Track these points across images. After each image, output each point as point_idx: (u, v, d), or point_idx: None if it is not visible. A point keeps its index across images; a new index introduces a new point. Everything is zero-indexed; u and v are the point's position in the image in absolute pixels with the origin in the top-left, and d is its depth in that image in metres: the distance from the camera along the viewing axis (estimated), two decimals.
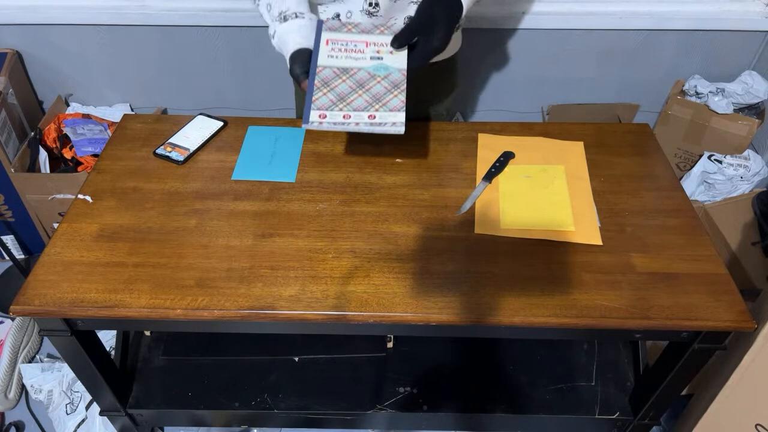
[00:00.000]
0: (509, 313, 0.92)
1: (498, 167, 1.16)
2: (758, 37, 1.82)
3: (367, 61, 1.01)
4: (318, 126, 0.95)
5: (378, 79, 0.99)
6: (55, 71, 1.88)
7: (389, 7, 1.06)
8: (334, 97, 0.97)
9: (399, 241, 1.03)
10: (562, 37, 1.82)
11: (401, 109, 0.96)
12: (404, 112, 0.96)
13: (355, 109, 0.96)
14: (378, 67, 1.00)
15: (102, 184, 1.13)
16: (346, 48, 1.02)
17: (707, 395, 1.20)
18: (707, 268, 0.99)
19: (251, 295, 0.94)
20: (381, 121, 0.95)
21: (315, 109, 0.96)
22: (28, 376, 1.50)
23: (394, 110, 0.96)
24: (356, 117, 0.95)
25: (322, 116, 0.95)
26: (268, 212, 1.08)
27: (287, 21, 1.03)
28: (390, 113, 0.96)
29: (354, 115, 0.95)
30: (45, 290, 0.95)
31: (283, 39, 1.04)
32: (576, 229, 1.05)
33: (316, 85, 0.98)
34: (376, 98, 0.97)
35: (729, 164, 1.81)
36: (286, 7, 1.03)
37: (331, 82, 0.99)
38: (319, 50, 1.01)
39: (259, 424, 1.38)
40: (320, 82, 0.98)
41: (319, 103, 0.96)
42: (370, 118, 0.95)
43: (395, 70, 1.00)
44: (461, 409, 1.27)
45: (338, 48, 1.02)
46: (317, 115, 0.95)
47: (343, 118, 0.95)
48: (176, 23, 1.76)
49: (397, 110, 0.96)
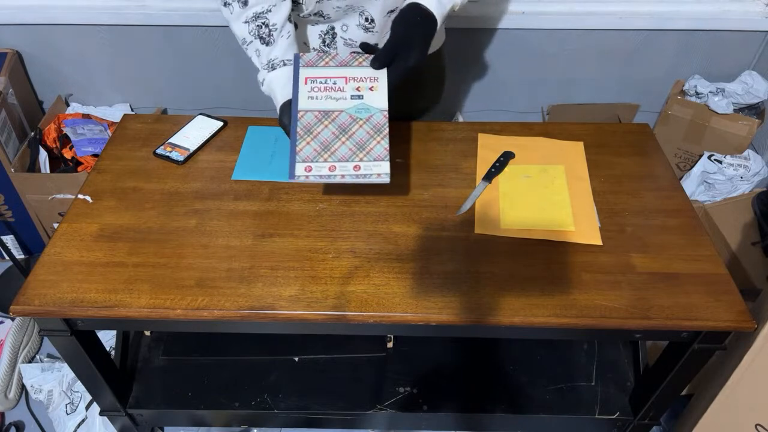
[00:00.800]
0: (509, 313, 0.92)
1: (498, 167, 1.16)
2: (758, 37, 1.82)
3: (347, 101, 0.99)
4: (304, 180, 0.95)
5: (360, 123, 0.98)
6: (55, 71, 1.88)
7: (384, 23, 1.07)
8: (318, 147, 0.96)
9: (399, 241, 1.03)
10: (562, 37, 1.82)
11: (385, 158, 0.96)
12: (388, 161, 0.96)
13: (340, 159, 0.96)
14: (359, 108, 0.99)
15: (102, 184, 1.13)
16: (325, 86, 1.00)
17: (707, 395, 1.20)
18: (707, 268, 0.99)
19: (251, 295, 0.94)
20: (366, 173, 0.95)
21: (300, 162, 0.95)
22: (28, 376, 1.50)
23: (378, 159, 0.96)
24: (341, 168, 0.95)
25: (307, 168, 0.95)
26: (268, 212, 1.08)
27: (276, 69, 1.03)
28: (374, 163, 0.96)
29: (339, 167, 0.95)
30: (45, 290, 0.95)
31: (271, 87, 1.04)
32: (576, 229, 1.05)
33: (298, 133, 0.97)
34: (360, 146, 0.97)
35: (729, 164, 1.81)
36: (274, 56, 1.03)
37: (314, 129, 0.97)
38: (298, 91, 1.00)
39: (259, 424, 1.38)
40: (302, 129, 0.97)
41: (303, 154, 0.96)
42: (355, 169, 0.95)
43: (377, 111, 0.99)
44: (461, 409, 1.27)
45: (317, 87, 1.00)
46: (303, 168, 0.95)
47: (328, 170, 0.95)
48: (176, 23, 1.76)
49: (381, 159, 0.96)
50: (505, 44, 1.85)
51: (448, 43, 1.30)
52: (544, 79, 1.93)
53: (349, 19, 1.07)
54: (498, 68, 1.91)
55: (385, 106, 0.99)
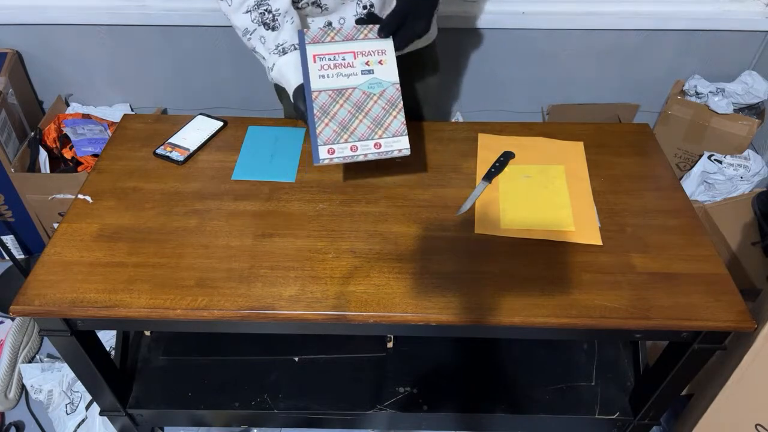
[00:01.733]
0: (509, 313, 0.92)
1: (498, 167, 1.16)
2: (758, 37, 1.82)
3: (359, 77, 1.01)
4: (328, 162, 0.99)
5: (374, 98, 1.01)
6: (55, 71, 1.88)
7: (383, 7, 1.07)
8: (337, 127, 0.99)
9: (399, 241, 1.03)
10: (562, 37, 1.82)
11: (403, 133, 1.01)
12: (407, 135, 1.01)
13: (360, 138, 1.00)
14: (372, 83, 1.02)
15: (102, 184, 1.13)
16: (335, 63, 1.01)
17: (707, 395, 1.20)
18: (707, 268, 0.99)
19: (251, 295, 0.94)
20: (387, 149, 1.01)
21: (322, 145, 0.98)
22: (28, 376, 1.50)
23: (397, 135, 1.01)
24: (363, 148, 1.00)
25: (330, 151, 0.99)
26: (268, 212, 1.08)
27: (287, 54, 1.02)
28: (394, 139, 1.01)
29: (360, 146, 1.00)
30: (45, 290, 0.95)
31: (283, 72, 1.03)
32: (576, 229, 1.05)
33: (316, 115, 0.99)
34: (377, 123, 1.01)
35: (729, 164, 1.81)
36: (282, 40, 1.02)
37: (330, 109, 1.00)
38: (309, 70, 1.01)
39: (259, 424, 1.38)
40: (319, 110, 0.99)
41: (324, 136, 0.99)
42: (375, 147, 1.00)
43: (389, 85, 1.02)
44: (461, 409, 1.27)
45: (327, 65, 1.01)
46: (326, 151, 0.99)
47: (351, 151, 1.00)
48: (176, 23, 1.76)
49: (399, 134, 1.01)
50: (505, 44, 1.85)
51: (448, 42, 1.31)
52: (544, 79, 1.93)
53: (346, 10, 1.07)
54: (498, 68, 1.91)
55: (396, 78, 1.02)
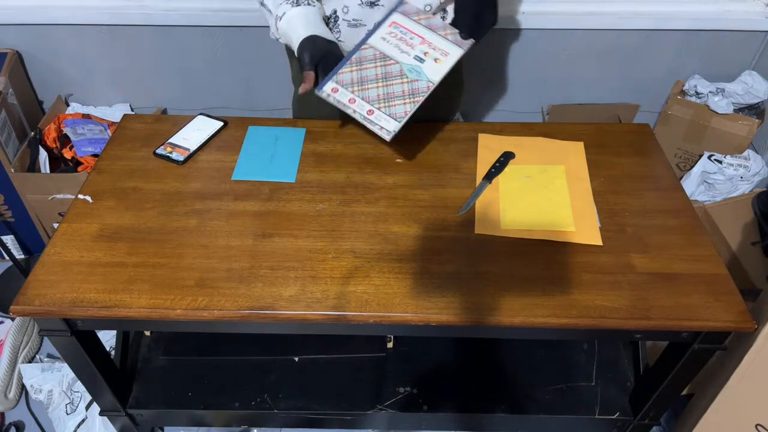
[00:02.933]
0: (509, 314, 0.92)
1: (498, 167, 1.16)
2: (758, 37, 1.82)
3: (408, 58, 1.04)
4: (325, 97, 1.01)
5: (404, 80, 1.03)
6: (55, 71, 1.88)
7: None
8: (356, 78, 1.01)
9: (399, 241, 1.03)
10: (562, 37, 1.82)
11: (399, 119, 1.01)
12: (400, 123, 1.01)
13: (363, 98, 1.01)
14: (413, 68, 1.03)
15: (102, 184, 1.13)
16: (401, 36, 1.05)
17: (707, 395, 1.20)
18: (707, 268, 0.99)
19: (251, 295, 0.94)
20: (374, 121, 1.01)
21: (333, 82, 1.01)
22: (28, 376, 1.50)
23: (392, 117, 1.01)
24: (358, 105, 1.01)
25: (334, 90, 1.01)
26: (268, 212, 1.08)
27: (300, 6, 1.03)
28: (386, 117, 1.01)
29: (358, 103, 1.01)
30: (45, 290, 0.94)
31: (292, 24, 1.04)
32: (576, 230, 1.05)
33: (351, 60, 1.02)
34: (387, 97, 1.02)
35: (729, 164, 1.81)
36: None
37: (365, 63, 1.03)
38: (379, 29, 1.05)
39: (259, 424, 1.38)
40: (356, 59, 1.03)
41: (340, 78, 1.01)
42: (368, 113, 1.01)
43: (425, 79, 1.03)
44: (461, 409, 1.27)
45: (395, 33, 1.05)
46: (331, 88, 1.01)
47: (348, 101, 1.01)
48: (176, 23, 1.76)
49: (394, 118, 1.01)
50: (505, 44, 1.85)
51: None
52: (544, 79, 1.93)
53: None
54: (498, 68, 1.91)
55: (436, 81, 1.03)
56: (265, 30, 1.78)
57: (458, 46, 1.05)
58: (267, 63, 1.87)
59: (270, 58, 1.84)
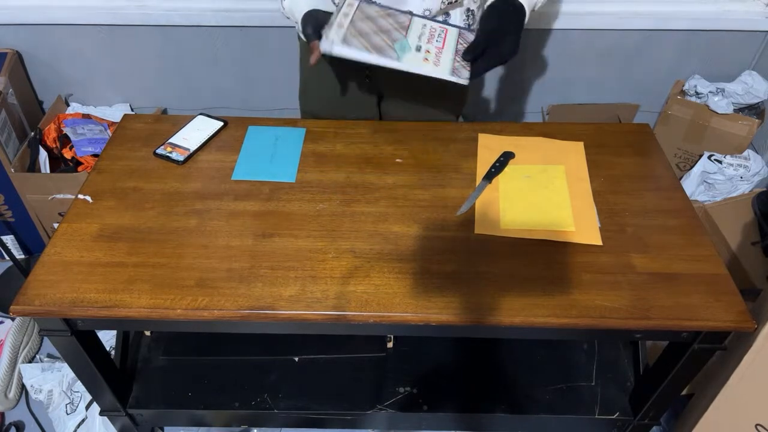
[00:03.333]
0: (509, 314, 0.92)
1: (498, 167, 1.16)
2: (758, 37, 1.82)
3: (412, 41, 1.00)
4: (337, 51, 0.94)
5: (382, 16, 1.01)
6: (55, 71, 1.88)
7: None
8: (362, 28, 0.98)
9: (399, 241, 1.03)
10: (562, 37, 1.82)
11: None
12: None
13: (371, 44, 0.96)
14: (403, 46, 0.99)
15: (102, 184, 1.13)
16: (433, 32, 1.02)
17: (707, 395, 1.20)
18: (707, 268, 0.99)
19: (251, 295, 0.94)
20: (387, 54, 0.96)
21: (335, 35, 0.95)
22: (28, 376, 1.50)
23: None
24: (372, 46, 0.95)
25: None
26: (268, 212, 1.08)
27: None
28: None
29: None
30: (45, 290, 0.94)
31: (296, 1, 1.05)
32: (576, 230, 1.04)
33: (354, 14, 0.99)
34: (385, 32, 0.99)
35: (729, 164, 1.81)
36: None
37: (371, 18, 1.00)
38: (427, 19, 1.03)
39: (259, 424, 1.38)
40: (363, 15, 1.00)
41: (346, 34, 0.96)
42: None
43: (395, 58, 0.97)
44: (461, 409, 1.27)
45: (435, 29, 1.03)
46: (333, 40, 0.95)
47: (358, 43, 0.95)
48: (176, 23, 1.76)
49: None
50: None
51: None
52: (544, 79, 1.93)
53: None
54: (498, 68, 1.91)
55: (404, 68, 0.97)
56: (265, 30, 1.79)
57: (452, 73, 0.98)
58: (267, 63, 1.87)
59: (270, 58, 1.84)
